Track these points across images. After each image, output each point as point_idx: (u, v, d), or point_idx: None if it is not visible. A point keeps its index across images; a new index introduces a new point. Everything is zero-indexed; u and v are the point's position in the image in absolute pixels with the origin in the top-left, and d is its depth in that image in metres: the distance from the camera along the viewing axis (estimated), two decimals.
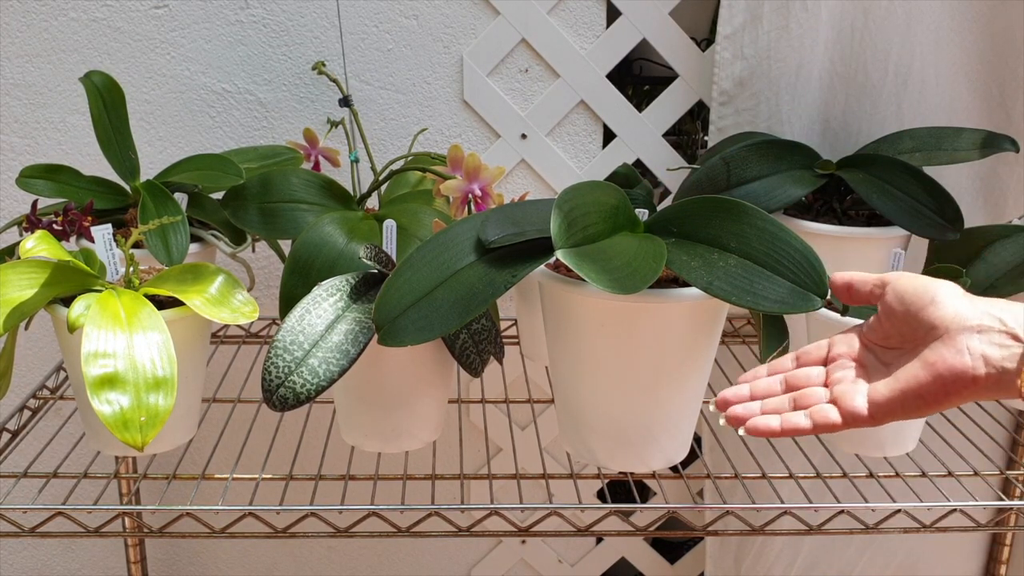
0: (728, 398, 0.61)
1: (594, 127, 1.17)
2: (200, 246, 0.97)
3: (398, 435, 0.82)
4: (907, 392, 0.55)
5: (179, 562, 1.36)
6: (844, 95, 1.11)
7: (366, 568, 1.38)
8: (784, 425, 0.58)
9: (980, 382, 0.53)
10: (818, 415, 0.58)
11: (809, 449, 0.92)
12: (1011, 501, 0.83)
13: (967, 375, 0.53)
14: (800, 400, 0.59)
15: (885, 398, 0.56)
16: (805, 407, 0.59)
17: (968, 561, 1.35)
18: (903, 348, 0.58)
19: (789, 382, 0.61)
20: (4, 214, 1.16)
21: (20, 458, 0.87)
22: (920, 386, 0.55)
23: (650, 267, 0.65)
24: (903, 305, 0.57)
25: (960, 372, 0.54)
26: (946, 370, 0.54)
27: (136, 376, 0.69)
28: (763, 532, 0.80)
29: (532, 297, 0.97)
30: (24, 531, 0.76)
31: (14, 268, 0.74)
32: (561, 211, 0.66)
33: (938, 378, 0.54)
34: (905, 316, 0.57)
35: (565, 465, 1.24)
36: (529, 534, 0.79)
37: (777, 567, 1.31)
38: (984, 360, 0.53)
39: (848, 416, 0.57)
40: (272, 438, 0.90)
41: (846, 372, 0.59)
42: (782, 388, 0.61)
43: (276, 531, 0.77)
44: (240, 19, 1.11)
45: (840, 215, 1.01)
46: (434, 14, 1.11)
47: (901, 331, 0.58)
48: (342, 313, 0.73)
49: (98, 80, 0.96)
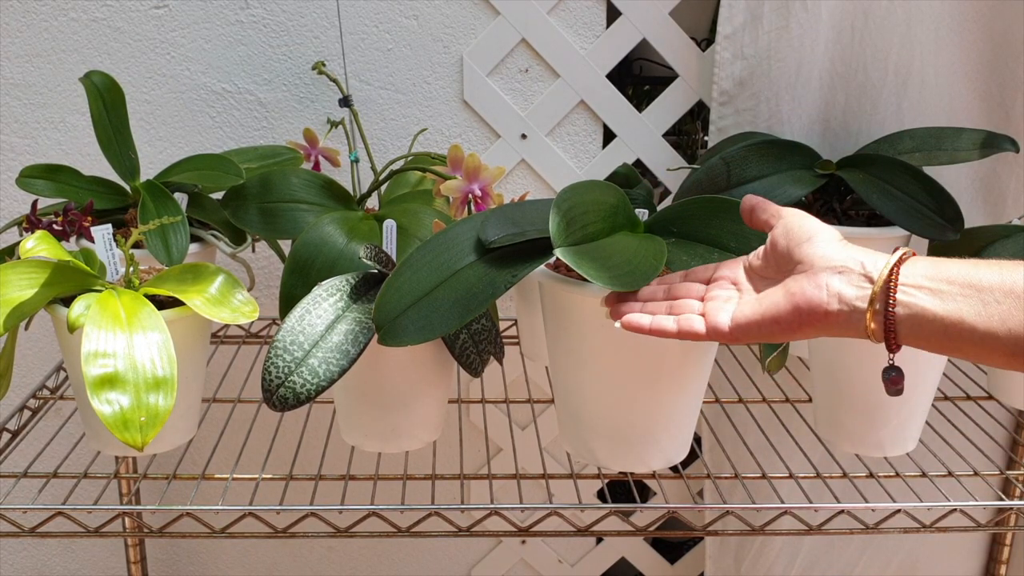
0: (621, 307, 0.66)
1: (594, 127, 1.17)
2: (200, 246, 0.97)
3: (398, 435, 0.82)
4: (766, 316, 0.59)
5: (179, 562, 1.36)
6: (844, 95, 1.11)
7: (366, 568, 1.38)
8: (653, 325, 0.62)
9: (832, 317, 0.57)
10: (684, 322, 0.62)
11: (809, 449, 0.92)
12: (1011, 501, 0.83)
13: (820, 308, 0.57)
14: (674, 308, 0.64)
15: (746, 318, 0.60)
16: (678, 315, 0.63)
17: (968, 561, 1.35)
18: (776, 280, 0.61)
19: (671, 292, 0.65)
20: (4, 214, 1.16)
21: (20, 458, 0.87)
22: (778, 312, 0.58)
23: (650, 265, 0.65)
24: (786, 239, 0.61)
25: (816, 305, 0.57)
26: (803, 301, 0.57)
27: (136, 376, 0.69)
28: (763, 532, 0.80)
29: (532, 297, 0.97)
30: (24, 531, 0.76)
31: (14, 268, 0.74)
32: (560, 210, 0.66)
33: (795, 308, 0.57)
34: (786, 249, 0.60)
35: (565, 465, 1.24)
36: (529, 534, 0.79)
37: (777, 567, 1.31)
38: (839, 298, 0.56)
39: (711, 329, 0.61)
40: (272, 438, 0.90)
41: (721, 292, 0.63)
42: (663, 295, 0.65)
43: (276, 531, 0.77)
44: (240, 19, 1.11)
45: (840, 215, 1.01)
46: (434, 14, 1.11)
47: (778, 263, 0.61)
48: (342, 313, 0.73)
49: (98, 80, 0.96)
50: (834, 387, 0.84)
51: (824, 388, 0.86)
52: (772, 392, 1.03)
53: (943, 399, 1.01)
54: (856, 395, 0.83)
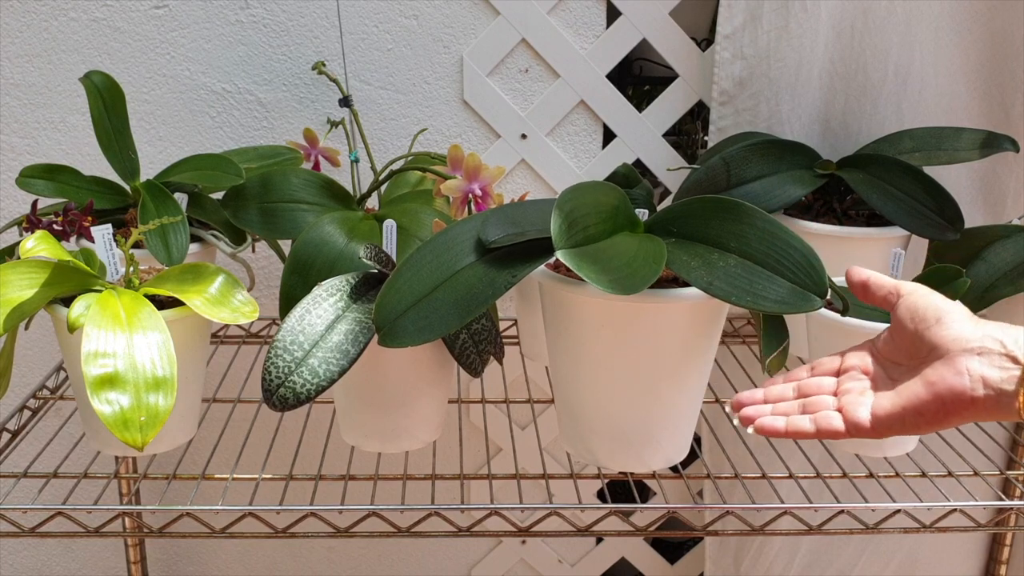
0: (742, 400, 0.64)
1: (594, 127, 1.17)
2: (200, 246, 0.97)
3: (398, 435, 0.82)
4: (907, 408, 0.57)
5: (179, 562, 1.36)
6: (844, 95, 1.11)
7: (366, 568, 1.38)
8: (789, 427, 0.60)
9: (979, 403, 0.54)
10: (822, 421, 0.60)
11: (809, 449, 0.92)
12: (1011, 501, 0.83)
13: (965, 396, 0.55)
14: (808, 406, 0.61)
15: (886, 412, 0.57)
16: (812, 413, 0.61)
17: (968, 561, 1.35)
18: (909, 365, 0.59)
19: (801, 389, 0.63)
20: (4, 214, 1.16)
21: (20, 458, 0.87)
22: (920, 403, 0.56)
23: (650, 268, 0.65)
24: (913, 323, 0.59)
25: (959, 393, 0.55)
26: (945, 390, 0.55)
27: (136, 376, 0.69)
28: (763, 532, 0.80)
29: (532, 297, 0.97)
30: (24, 531, 0.76)
31: (14, 268, 0.74)
32: (561, 211, 0.65)
33: (937, 397, 0.55)
34: (913, 333, 0.59)
35: (565, 465, 1.24)
36: (529, 534, 0.79)
37: (776, 567, 1.31)
38: (983, 382, 0.54)
39: (851, 425, 0.59)
40: (272, 438, 0.90)
41: (855, 384, 0.61)
42: (794, 394, 0.63)
43: (276, 531, 0.77)
44: (240, 19, 1.11)
45: (840, 215, 1.01)
46: (434, 14, 1.11)
47: (908, 348, 0.59)
48: (342, 313, 0.73)
49: (98, 80, 0.96)
50: None
51: None
52: None
53: None
54: None
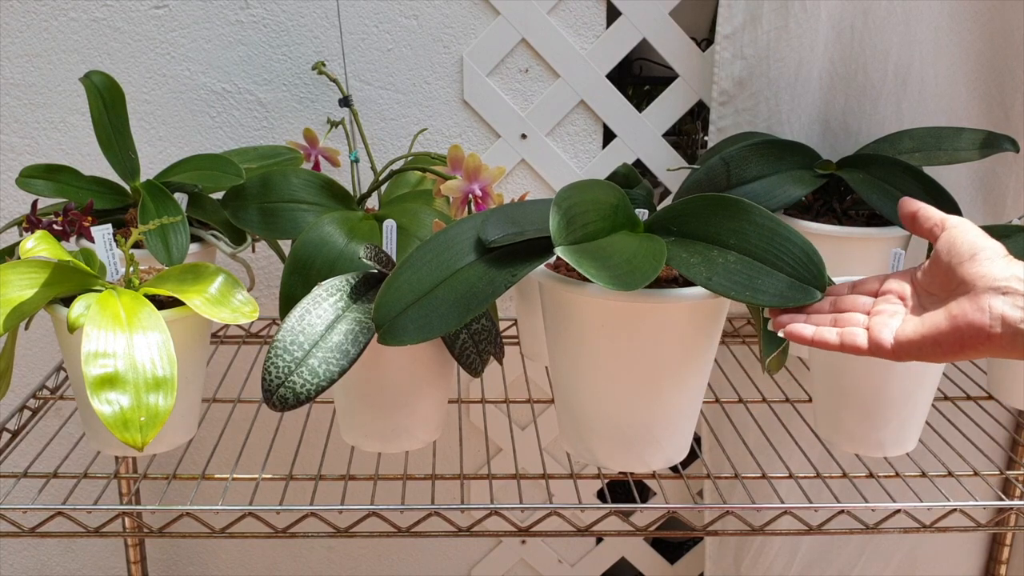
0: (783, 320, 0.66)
1: (594, 127, 1.17)
2: (200, 246, 0.97)
3: (398, 435, 0.82)
4: (927, 337, 0.58)
5: (179, 562, 1.36)
6: (844, 95, 1.11)
7: (366, 568, 1.38)
8: (816, 336, 0.63)
9: (995, 340, 0.56)
10: (847, 336, 0.62)
11: (809, 449, 0.92)
12: (1011, 501, 0.83)
13: (983, 332, 0.56)
14: (839, 321, 0.64)
15: (907, 338, 0.59)
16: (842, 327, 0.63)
17: (968, 561, 1.35)
18: (940, 296, 0.60)
19: (838, 304, 0.65)
20: (4, 214, 1.16)
21: (20, 458, 0.87)
22: (939, 334, 0.58)
23: (650, 265, 0.65)
24: (948, 255, 0.60)
25: (978, 328, 0.56)
26: (965, 324, 0.57)
27: (136, 376, 0.69)
28: (763, 532, 0.80)
29: (532, 297, 0.97)
30: (24, 531, 0.76)
31: (14, 268, 0.74)
32: (560, 209, 0.66)
33: (956, 330, 0.57)
34: (947, 266, 0.60)
35: (565, 465, 1.24)
36: (529, 534, 0.79)
37: (776, 566, 1.31)
38: (1002, 320, 0.56)
39: (874, 344, 0.61)
40: (272, 438, 0.90)
41: (888, 307, 0.63)
42: (830, 307, 0.65)
43: (276, 531, 0.77)
44: (240, 19, 1.11)
45: (840, 215, 1.01)
46: (434, 14, 1.11)
47: (941, 280, 0.61)
48: (342, 313, 0.73)
49: (98, 80, 0.96)
50: (834, 387, 0.84)
51: (824, 388, 0.86)
52: (772, 392, 1.03)
53: (943, 399, 1.01)
54: (856, 395, 0.82)
